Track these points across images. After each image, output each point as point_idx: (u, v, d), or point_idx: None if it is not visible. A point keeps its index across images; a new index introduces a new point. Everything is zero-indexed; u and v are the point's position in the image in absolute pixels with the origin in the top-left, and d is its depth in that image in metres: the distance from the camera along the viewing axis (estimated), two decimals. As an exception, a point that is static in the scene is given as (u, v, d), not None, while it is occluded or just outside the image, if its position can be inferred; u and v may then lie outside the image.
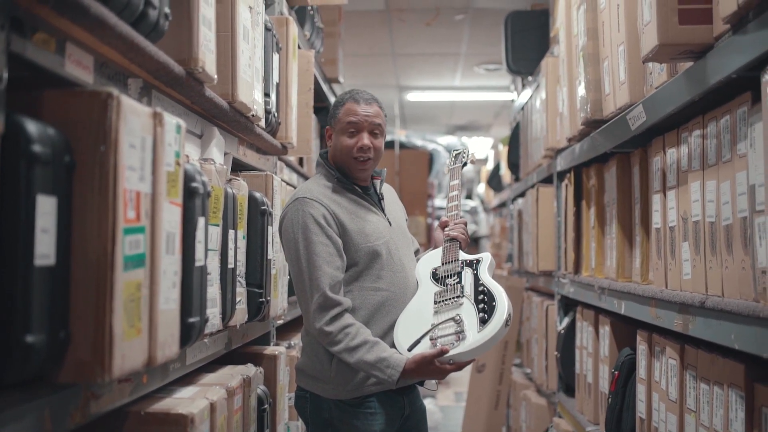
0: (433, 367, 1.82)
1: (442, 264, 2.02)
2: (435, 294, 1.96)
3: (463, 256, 2.03)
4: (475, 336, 1.83)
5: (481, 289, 1.91)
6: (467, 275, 1.97)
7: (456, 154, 2.34)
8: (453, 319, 1.86)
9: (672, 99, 1.68)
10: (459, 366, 1.85)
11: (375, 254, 1.96)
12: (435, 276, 2.01)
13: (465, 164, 2.30)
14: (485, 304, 1.88)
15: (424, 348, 1.85)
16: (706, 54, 1.50)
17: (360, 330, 1.88)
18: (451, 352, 1.82)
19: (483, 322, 1.84)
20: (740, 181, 1.42)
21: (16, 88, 1.06)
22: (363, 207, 2.02)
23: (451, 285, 1.96)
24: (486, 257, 2.00)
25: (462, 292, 1.92)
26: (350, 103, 2.02)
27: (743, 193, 1.40)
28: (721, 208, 1.51)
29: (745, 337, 1.37)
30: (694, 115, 1.67)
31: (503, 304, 1.86)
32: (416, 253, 2.23)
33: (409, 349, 1.85)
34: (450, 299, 1.92)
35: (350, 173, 2.04)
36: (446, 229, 2.10)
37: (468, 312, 1.88)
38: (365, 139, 1.99)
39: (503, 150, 6.50)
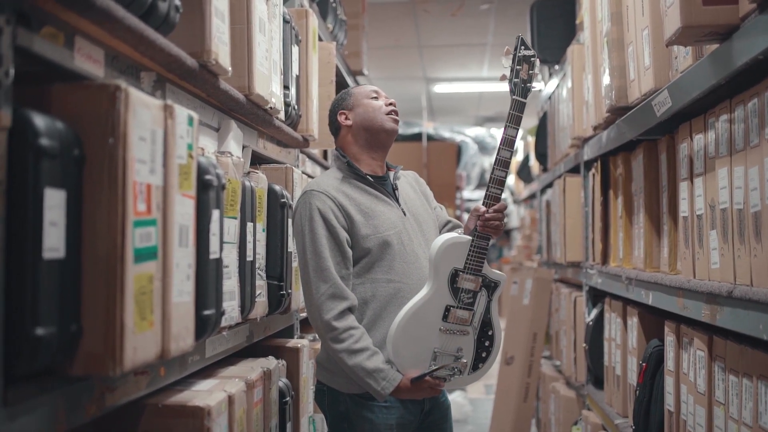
0: (424, 391, 1.93)
1: (465, 269, 1.95)
2: (446, 309, 1.94)
3: (486, 268, 1.97)
4: (465, 377, 1.98)
5: (487, 331, 1.99)
6: (481, 300, 1.98)
7: (521, 61, 1.86)
8: (455, 355, 1.96)
9: (697, 83, 1.63)
10: (438, 393, 1.99)
11: (385, 244, 1.94)
12: (454, 282, 1.94)
13: (528, 94, 1.90)
14: (485, 350, 1.99)
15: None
16: (732, 35, 1.45)
17: (364, 335, 1.89)
18: (444, 386, 1.97)
19: (476, 368, 2.00)
20: (768, 166, 1.37)
21: (27, 83, 1.07)
22: (374, 197, 2.00)
23: (464, 305, 1.95)
24: (503, 282, 2.00)
25: (471, 320, 1.97)
26: (356, 87, 2.12)
27: (771, 179, 1.35)
28: (749, 195, 1.46)
29: (774, 327, 1.32)
30: (721, 100, 1.62)
31: (494, 354, 2.01)
32: (453, 228, 2.15)
33: (413, 382, 1.90)
34: (459, 324, 1.96)
35: (380, 136, 2.04)
36: (480, 219, 1.93)
37: (468, 350, 1.97)
38: (389, 99, 2.07)
39: (532, 140, 6.43)
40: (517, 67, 1.91)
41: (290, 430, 2.08)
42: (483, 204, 1.95)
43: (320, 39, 2.92)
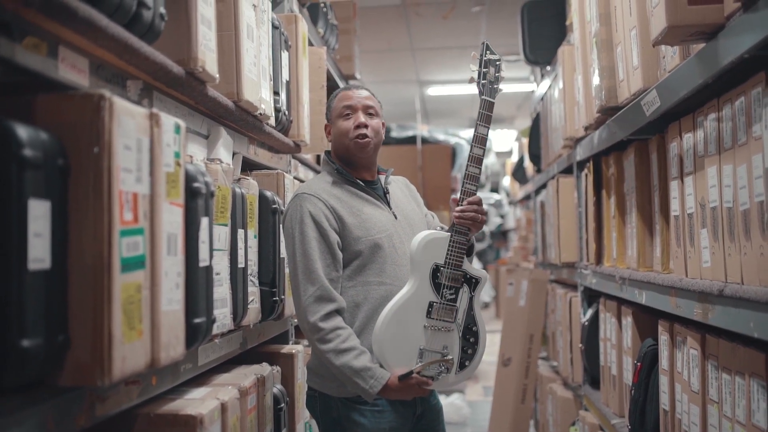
0: (412, 392, 1.92)
1: (446, 264, 1.94)
2: (430, 305, 1.93)
3: (466, 264, 1.97)
4: (452, 378, 1.97)
5: (472, 327, 1.98)
6: (464, 296, 1.97)
7: (487, 64, 1.98)
8: (442, 352, 1.94)
9: (685, 82, 1.63)
10: (427, 393, 1.99)
11: (376, 247, 1.95)
12: (436, 277, 1.94)
13: (497, 95, 2.00)
14: (470, 347, 1.98)
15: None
16: (718, 34, 1.45)
17: (351, 335, 1.89)
18: (432, 386, 1.95)
19: (462, 367, 1.98)
20: (756, 164, 1.37)
21: (10, 93, 1.07)
22: (365, 200, 2.00)
23: (447, 301, 1.94)
24: (484, 278, 2.00)
25: (454, 318, 1.96)
26: (342, 92, 2.08)
27: (759, 177, 1.36)
28: (738, 193, 1.46)
29: (764, 325, 1.32)
30: (709, 99, 1.63)
31: (480, 352, 2.00)
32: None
33: (400, 379, 1.89)
34: (443, 320, 1.94)
35: (353, 158, 2.03)
36: (455, 211, 1.96)
37: (453, 346, 1.96)
38: (361, 118, 2.01)
39: (527, 142, 6.44)
40: (484, 69, 2.01)
41: (285, 436, 2.07)
42: (459, 200, 1.99)
43: (311, 44, 2.92)
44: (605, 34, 2.27)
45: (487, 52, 2.02)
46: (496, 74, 2.01)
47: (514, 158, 9.31)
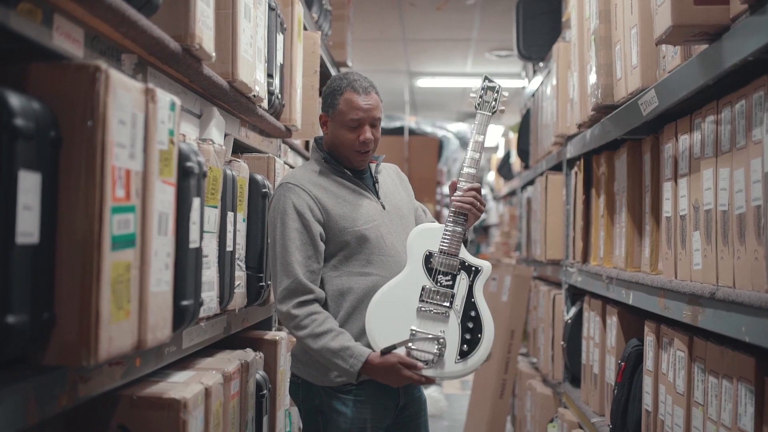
0: (399, 374, 1.83)
1: (440, 251, 1.92)
2: (423, 289, 1.90)
3: (464, 253, 1.94)
4: (451, 366, 1.85)
5: (472, 313, 1.90)
6: (462, 283, 1.91)
7: (486, 89, 2.06)
8: (436, 338, 1.86)
9: (685, 83, 1.62)
10: (422, 381, 1.86)
11: (363, 238, 1.93)
12: (428, 263, 1.92)
13: (494, 112, 2.06)
14: (471, 333, 1.89)
15: (398, 352, 1.85)
16: (722, 36, 1.44)
17: (327, 318, 1.86)
18: (423, 372, 1.85)
19: (463, 354, 1.86)
20: (755, 168, 1.37)
21: (2, 61, 1.03)
22: (352, 191, 1.98)
23: (442, 286, 1.90)
24: (486, 269, 1.94)
25: (451, 303, 1.89)
26: (349, 92, 1.95)
27: (757, 181, 1.35)
28: (734, 197, 1.46)
29: (756, 329, 1.32)
30: (708, 101, 1.62)
31: (488, 340, 1.88)
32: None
33: (383, 353, 1.83)
34: (437, 305, 1.88)
35: (349, 163, 2.01)
36: (454, 196, 1.96)
37: (452, 333, 1.87)
38: (368, 133, 1.95)
39: (514, 137, 6.43)
40: (481, 92, 2.09)
41: (267, 423, 2.05)
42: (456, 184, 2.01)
43: (305, 28, 2.88)
44: (604, 31, 2.26)
45: (486, 81, 2.11)
46: (494, 96, 2.09)
47: (500, 154, 9.32)
